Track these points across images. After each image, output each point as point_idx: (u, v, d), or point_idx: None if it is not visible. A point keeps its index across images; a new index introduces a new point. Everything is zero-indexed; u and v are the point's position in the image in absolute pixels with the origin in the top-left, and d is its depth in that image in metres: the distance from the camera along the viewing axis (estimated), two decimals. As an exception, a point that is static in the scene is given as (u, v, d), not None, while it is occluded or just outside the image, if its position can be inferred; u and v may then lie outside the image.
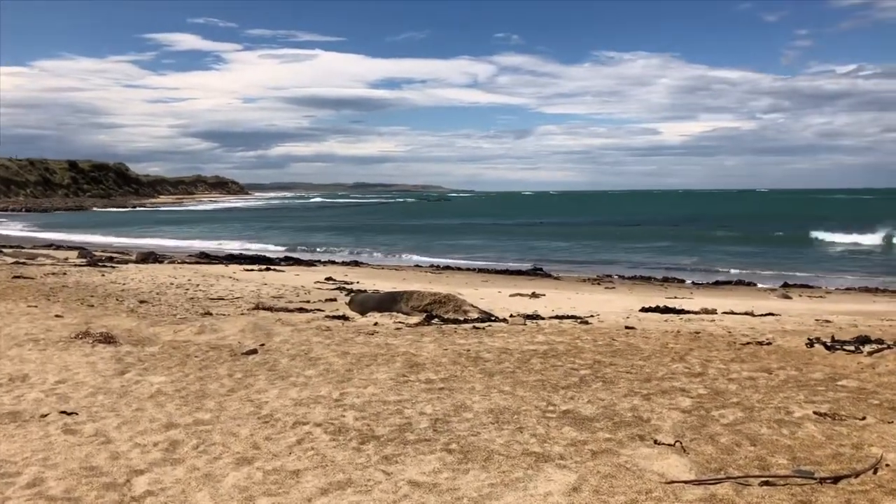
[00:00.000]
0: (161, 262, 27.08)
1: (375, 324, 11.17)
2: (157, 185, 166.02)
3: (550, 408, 6.06)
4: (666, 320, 12.56)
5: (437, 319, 11.93)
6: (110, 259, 26.06)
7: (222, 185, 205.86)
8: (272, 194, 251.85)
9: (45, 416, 5.72)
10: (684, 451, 4.99)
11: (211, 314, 11.48)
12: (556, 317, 12.62)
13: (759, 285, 24.38)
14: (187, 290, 15.76)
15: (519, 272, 28.18)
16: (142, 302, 13.04)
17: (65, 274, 17.50)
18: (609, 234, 48.83)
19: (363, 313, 12.87)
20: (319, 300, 14.76)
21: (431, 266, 31.29)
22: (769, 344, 9.30)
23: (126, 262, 25.58)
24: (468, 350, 8.61)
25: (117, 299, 13.21)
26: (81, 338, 8.59)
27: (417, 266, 31.46)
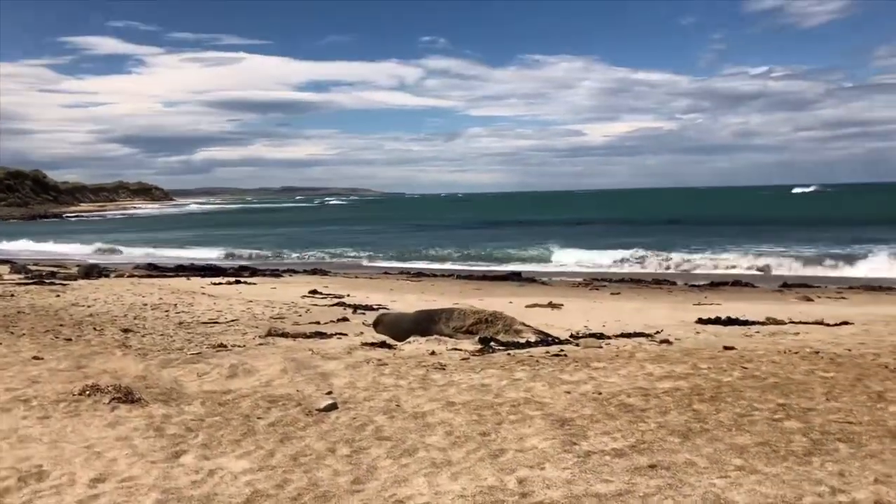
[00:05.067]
0: (107, 275, 24.31)
1: (433, 353, 9.18)
2: (76, 193, 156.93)
3: (842, 499, 4.23)
4: (745, 335, 10.94)
5: (494, 343, 10.03)
6: (52, 274, 23.11)
7: (145, 192, 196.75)
8: (195, 200, 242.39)
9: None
10: None
11: (226, 346, 9.27)
12: (623, 335, 10.84)
13: (757, 285, 23.24)
14: (167, 311, 13.39)
15: (501, 278, 26.37)
16: (125, 331, 10.68)
17: (12, 296, 14.80)
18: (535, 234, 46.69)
19: (396, 337, 10.85)
20: (331, 320, 12.64)
21: (402, 272, 29.19)
22: (931, 368, 7.72)
23: (70, 276, 22.71)
24: (600, 393, 6.72)
25: (95, 328, 10.79)
26: (90, 394, 6.33)
27: (386, 273, 29.36)
